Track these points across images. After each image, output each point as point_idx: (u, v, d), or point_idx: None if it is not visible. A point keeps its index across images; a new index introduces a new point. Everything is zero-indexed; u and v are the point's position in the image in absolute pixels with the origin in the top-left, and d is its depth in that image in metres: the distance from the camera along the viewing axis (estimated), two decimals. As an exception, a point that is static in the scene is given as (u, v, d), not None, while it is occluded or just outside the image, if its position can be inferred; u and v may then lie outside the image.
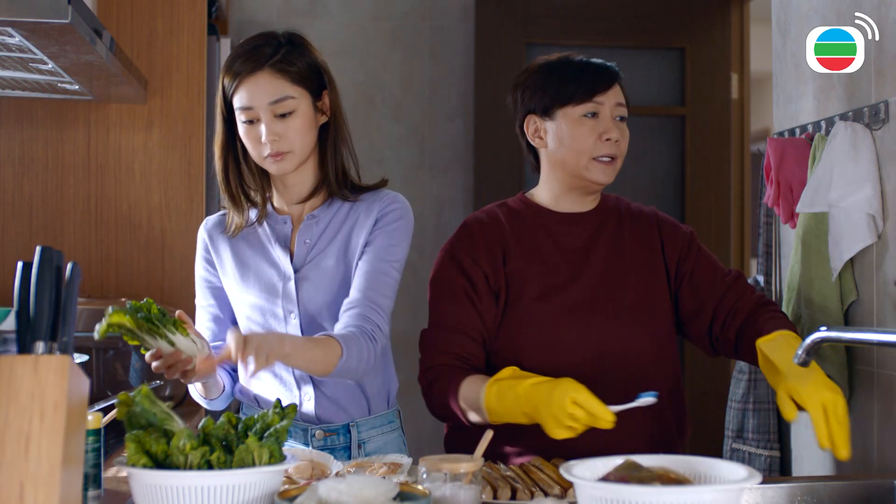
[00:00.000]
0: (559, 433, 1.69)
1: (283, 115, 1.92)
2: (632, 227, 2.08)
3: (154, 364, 1.72)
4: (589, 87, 1.99)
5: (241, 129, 1.95)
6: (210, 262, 2.06)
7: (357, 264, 1.96)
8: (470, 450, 1.97)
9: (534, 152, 2.10)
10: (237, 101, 1.93)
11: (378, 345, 1.90)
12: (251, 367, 1.66)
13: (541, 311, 1.97)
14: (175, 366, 1.72)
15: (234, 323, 2.05)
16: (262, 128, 1.92)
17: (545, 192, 2.09)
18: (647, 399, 1.70)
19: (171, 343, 1.68)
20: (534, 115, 2.04)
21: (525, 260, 2.01)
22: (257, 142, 1.93)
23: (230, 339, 1.67)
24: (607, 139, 1.98)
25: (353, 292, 1.94)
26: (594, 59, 2.05)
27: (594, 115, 1.99)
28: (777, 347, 1.84)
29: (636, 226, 2.09)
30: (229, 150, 2.01)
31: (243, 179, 2.03)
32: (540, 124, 2.03)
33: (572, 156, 1.99)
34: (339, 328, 1.90)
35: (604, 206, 2.09)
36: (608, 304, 2.00)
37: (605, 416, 1.67)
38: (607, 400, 1.75)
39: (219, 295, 2.06)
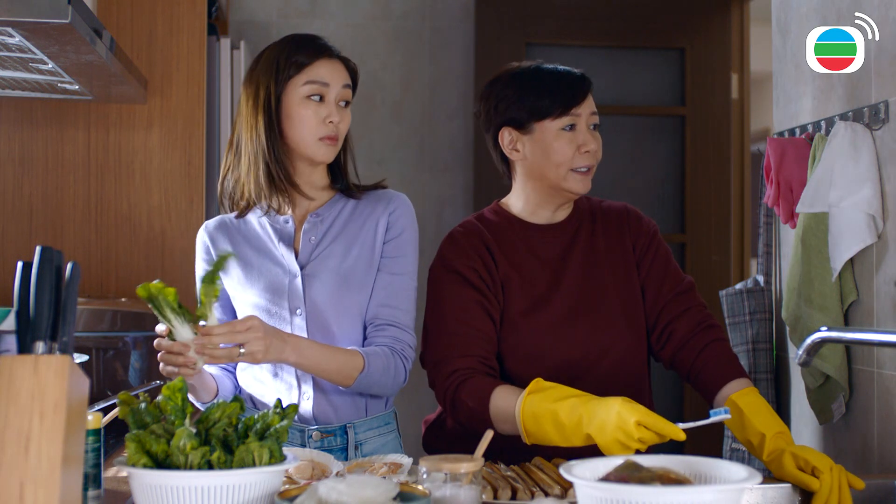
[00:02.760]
0: (619, 452, 1.64)
1: (344, 104, 2.00)
2: (605, 229, 2.08)
3: (161, 342, 1.72)
4: (566, 101, 1.98)
5: (302, 105, 1.95)
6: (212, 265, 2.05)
7: (376, 276, 2.00)
8: (450, 451, 1.98)
9: (506, 162, 2.09)
10: (311, 75, 1.96)
11: (410, 362, 1.98)
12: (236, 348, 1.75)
13: (526, 327, 1.99)
14: (173, 358, 1.72)
15: None
16: (328, 108, 1.96)
17: (520, 202, 2.08)
18: (721, 415, 1.64)
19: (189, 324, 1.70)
20: (509, 128, 2.03)
21: (508, 271, 2.01)
22: (318, 121, 1.96)
23: (243, 319, 1.77)
24: (585, 151, 1.99)
25: (377, 308, 1.98)
26: (566, 68, 2.04)
27: (572, 127, 1.99)
28: (757, 411, 1.83)
29: (609, 226, 2.09)
30: (272, 134, 1.97)
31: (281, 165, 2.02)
32: (516, 137, 2.02)
33: (552, 168, 1.99)
34: (368, 346, 1.96)
35: (577, 212, 2.10)
36: (588, 311, 2.01)
37: (675, 433, 1.63)
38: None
39: (221, 296, 2.05)
